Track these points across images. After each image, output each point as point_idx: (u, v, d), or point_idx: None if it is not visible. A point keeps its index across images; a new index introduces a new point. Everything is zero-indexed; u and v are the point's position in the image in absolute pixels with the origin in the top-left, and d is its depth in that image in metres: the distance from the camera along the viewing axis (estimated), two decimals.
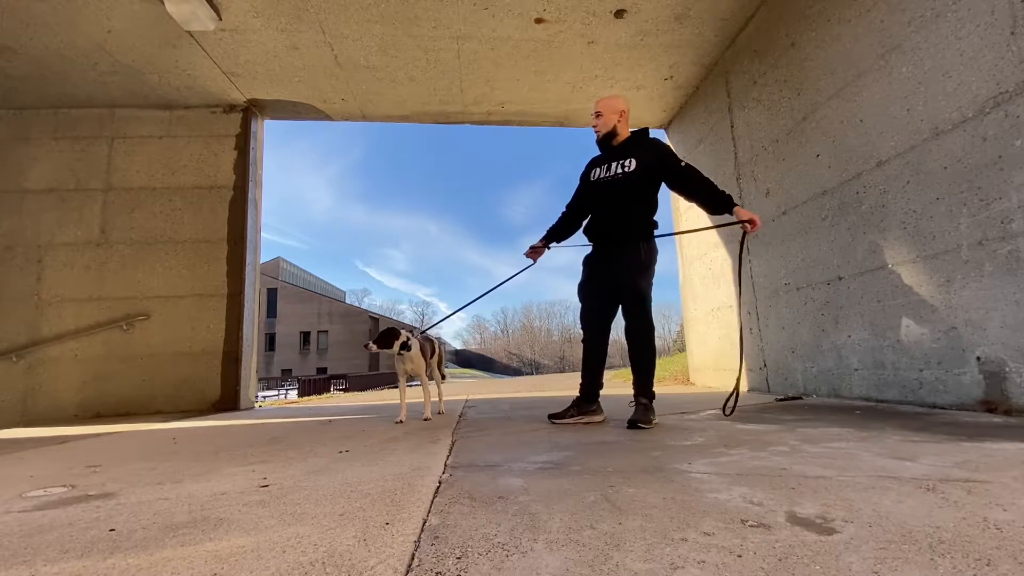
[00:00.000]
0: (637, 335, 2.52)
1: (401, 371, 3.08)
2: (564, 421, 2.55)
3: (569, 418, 2.55)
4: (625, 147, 2.64)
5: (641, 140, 2.67)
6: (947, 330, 2.57)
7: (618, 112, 2.66)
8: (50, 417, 4.62)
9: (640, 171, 2.51)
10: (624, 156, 2.58)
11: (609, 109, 2.66)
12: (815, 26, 3.45)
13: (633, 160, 2.53)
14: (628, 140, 2.68)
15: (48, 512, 1.32)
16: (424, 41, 4.44)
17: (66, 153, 5.11)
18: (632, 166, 2.52)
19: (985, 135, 2.33)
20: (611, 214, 2.58)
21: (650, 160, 2.53)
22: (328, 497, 1.33)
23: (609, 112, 2.66)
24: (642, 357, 2.52)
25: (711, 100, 5.02)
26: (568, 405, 2.63)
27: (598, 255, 2.68)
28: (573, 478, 1.43)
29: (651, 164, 2.52)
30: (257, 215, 5.41)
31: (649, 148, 2.59)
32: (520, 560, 0.86)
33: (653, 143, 2.63)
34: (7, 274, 4.89)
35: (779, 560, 0.81)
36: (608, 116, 2.66)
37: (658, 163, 2.53)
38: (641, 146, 2.61)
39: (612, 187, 2.57)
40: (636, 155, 2.55)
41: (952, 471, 1.31)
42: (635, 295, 2.50)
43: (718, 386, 5.09)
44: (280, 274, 42.64)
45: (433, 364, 3.52)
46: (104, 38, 4.27)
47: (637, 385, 2.51)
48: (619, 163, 2.57)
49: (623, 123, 2.68)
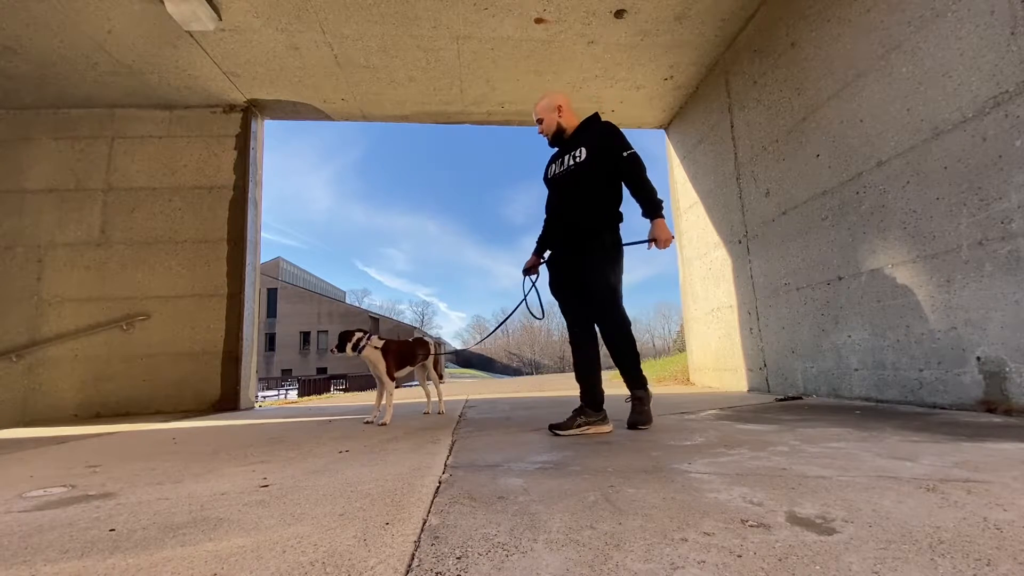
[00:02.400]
0: (613, 330, 2.37)
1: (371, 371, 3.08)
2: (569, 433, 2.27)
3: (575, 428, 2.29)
4: (575, 137, 2.53)
5: (590, 126, 2.53)
6: (947, 330, 2.57)
7: (555, 109, 2.56)
8: (50, 417, 4.62)
9: (590, 159, 2.39)
10: (575, 147, 2.47)
11: (546, 110, 2.57)
12: (815, 26, 3.45)
13: (583, 149, 2.42)
14: (578, 129, 2.56)
15: (48, 512, 1.32)
16: (424, 41, 4.44)
17: (66, 153, 5.12)
18: (583, 155, 2.41)
19: (985, 135, 2.33)
20: (570, 208, 2.46)
21: (598, 145, 2.40)
22: (328, 497, 1.33)
23: (547, 113, 2.57)
24: (624, 351, 2.37)
25: (711, 100, 5.02)
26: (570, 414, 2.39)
27: (564, 251, 2.52)
28: (573, 478, 1.42)
29: (600, 149, 2.40)
30: (257, 215, 5.41)
31: (596, 133, 2.46)
32: (520, 560, 0.86)
33: (601, 128, 2.49)
34: (7, 274, 4.89)
35: (779, 560, 0.81)
36: (548, 117, 2.57)
37: (605, 148, 2.39)
38: (590, 132, 2.49)
39: (567, 180, 2.46)
40: (585, 143, 2.43)
41: (952, 471, 1.31)
42: (605, 290, 2.34)
43: (718, 386, 5.09)
44: (280, 274, 42.64)
45: (429, 365, 3.53)
46: (104, 38, 4.27)
47: (628, 380, 2.40)
48: (571, 155, 2.47)
49: (565, 115, 2.57)
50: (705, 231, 5.26)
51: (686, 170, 5.69)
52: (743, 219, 4.46)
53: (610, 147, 2.38)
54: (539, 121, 2.62)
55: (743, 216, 4.45)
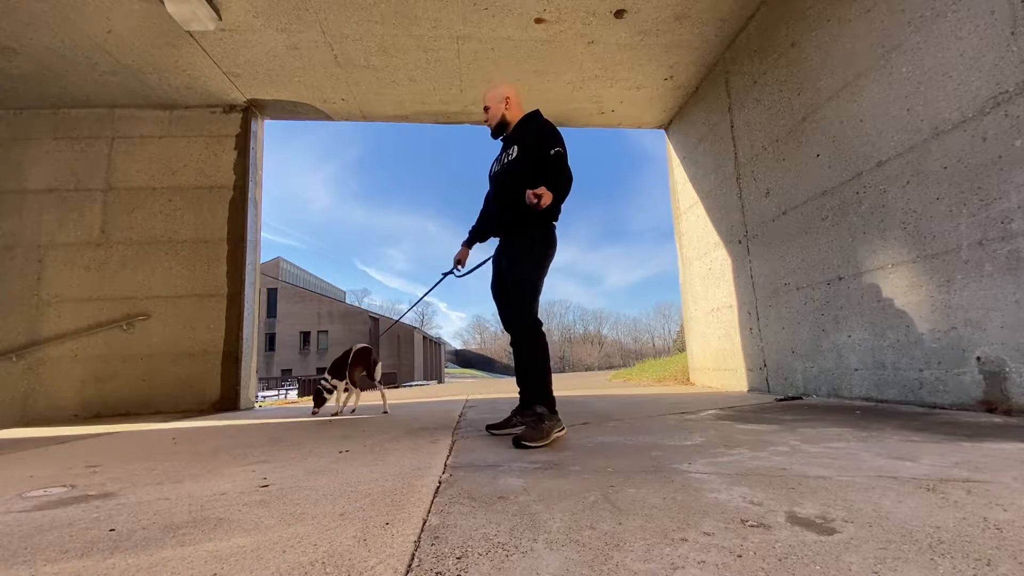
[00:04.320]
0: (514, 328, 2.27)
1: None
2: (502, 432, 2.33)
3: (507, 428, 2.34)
4: (514, 133, 2.50)
5: (527, 124, 2.48)
6: (947, 330, 2.57)
7: (502, 100, 2.50)
8: (50, 417, 4.62)
9: (521, 157, 2.35)
10: (511, 144, 2.44)
11: (494, 100, 2.52)
12: (815, 26, 3.45)
13: (516, 147, 2.39)
14: (517, 125, 2.51)
15: (48, 512, 1.32)
16: (424, 41, 4.44)
17: (66, 153, 5.11)
18: (515, 153, 2.38)
19: (985, 135, 2.33)
20: (500, 206, 2.43)
21: (530, 143, 2.35)
22: (328, 497, 1.33)
23: (494, 103, 2.51)
24: (524, 356, 2.26)
25: (711, 100, 5.02)
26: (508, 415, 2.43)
27: (499, 250, 2.51)
28: (573, 478, 1.42)
29: (529, 148, 2.35)
30: (257, 215, 5.41)
31: (530, 131, 2.40)
32: (520, 560, 0.86)
33: (535, 125, 2.42)
34: (7, 274, 4.89)
35: (779, 560, 0.81)
36: (494, 107, 2.52)
37: (534, 147, 2.33)
38: (525, 130, 2.44)
39: (500, 178, 2.44)
40: (519, 141, 2.40)
41: (952, 471, 1.31)
42: (518, 283, 2.26)
43: (718, 386, 5.09)
44: (280, 274, 42.63)
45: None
46: (104, 38, 4.26)
47: (522, 392, 2.26)
48: (507, 153, 2.45)
49: (512, 108, 2.52)
50: (705, 231, 5.26)
51: (686, 170, 5.69)
52: (743, 219, 4.45)
53: (538, 145, 2.32)
54: (485, 109, 2.57)
55: (743, 216, 4.45)
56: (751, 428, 2.25)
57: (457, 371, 75.76)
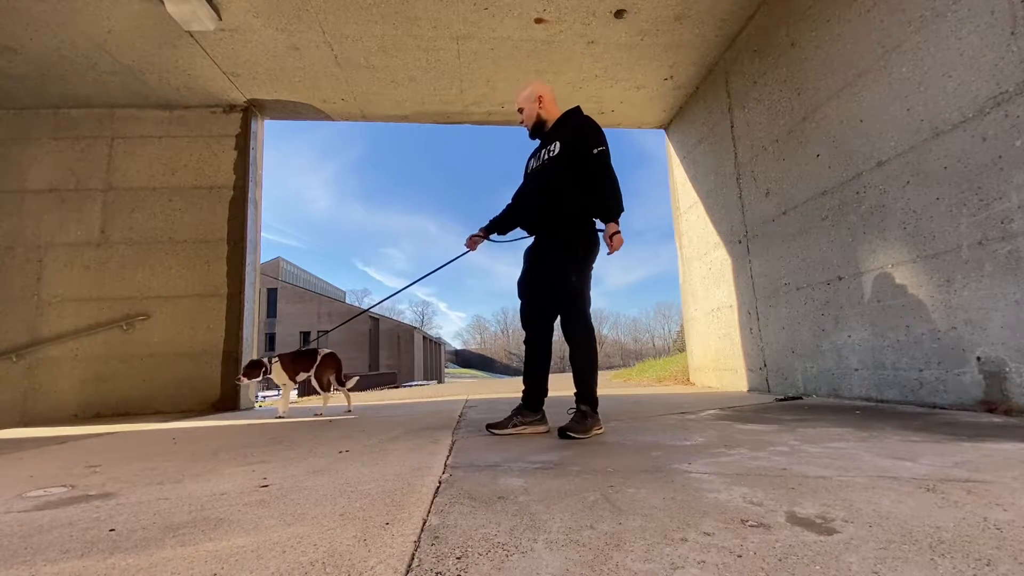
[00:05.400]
0: (572, 338, 2.33)
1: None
2: (504, 432, 2.35)
3: (511, 428, 2.37)
4: (554, 131, 2.50)
5: (568, 120, 2.49)
6: (947, 330, 2.57)
7: (535, 99, 2.52)
8: (50, 417, 4.62)
9: (563, 154, 2.36)
10: (551, 141, 2.45)
11: (527, 100, 2.54)
12: (815, 26, 3.45)
13: (558, 143, 2.39)
14: (557, 122, 2.52)
15: (48, 512, 1.32)
16: (424, 41, 4.44)
17: (66, 153, 5.11)
18: (556, 150, 2.38)
19: (985, 135, 2.33)
20: (542, 203, 2.42)
21: (572, 140, 2.36)
22: (328, 497, 1.33)
23: (528, 103, 2.54)
24: (579, 361, 2.33)
25: (711, 100, 5.02)
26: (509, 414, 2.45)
27: (535, 247, 2.52)
28: (573, 478, 1.42)
29: (573, 145, 2.35)
30: (257, 215, 5.40)
31: (572, 128, 2.42)
32: (520, 560, 0.86)
33: (578, 122, 2.44)
34: (7, 274, 4.89)
35: (779, 560, 0.81)
36: (528, 108, 2.54)
37: (576, 144, 2.34)
38: (567, 127, 2.45)
39: (541, 175, 2.44)
40: (561, 137, 2.40)
41: (952, 471, 1.31)
42: (568, 293, 2.31)
43: (718, 386, 5.09)
44: (280, 274, 42.62)
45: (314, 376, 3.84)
46: (104, 38, 4.27)
47: (577, 392, 2.34)
48: (547, 149, 2.45)
49: (546, 107, 2.54)
50: (705, 231, 5.26)
51: (686, 170, 5.69)
52: (743, 219, 4.46)
53: (581, 143, 2.33)
54: (520, 111, 2.60)
55: (743, 216, 4.45)
56: (751, 428, 2.25)
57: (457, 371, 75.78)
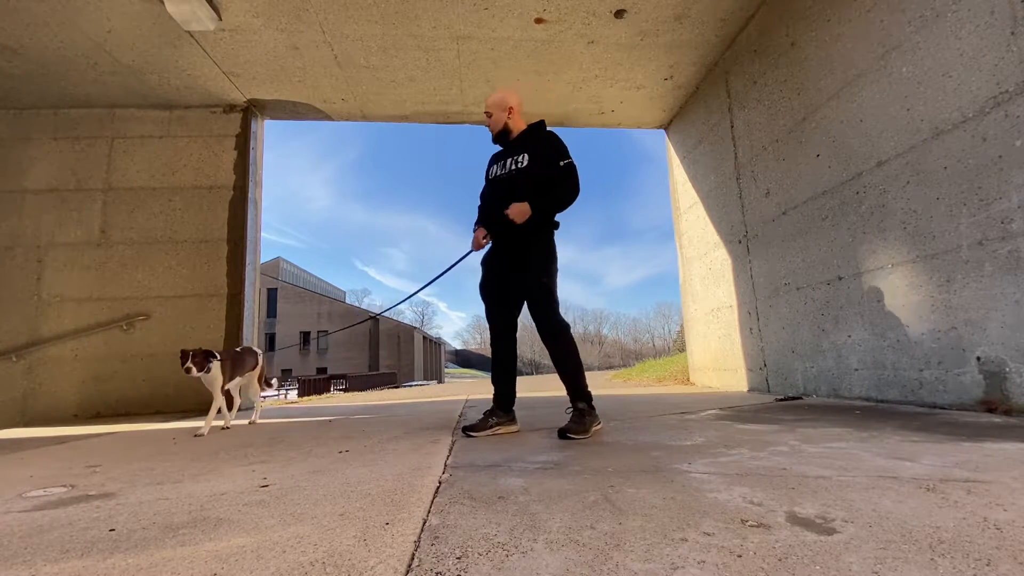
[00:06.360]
0: (550, 335, 2.38)
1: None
2: (482, 433, 2.37)
3: (488, 430, 2.39)
4: (520, 141, 2.58)
5: (535, 133, 2.59)
6: (947, 330, 2.57)
7: (506, 109, 2.60)
8: (50, 417, 4.62)
9: (532, 167, 2.46)
10: (518, 151, 2.53)
11: (497, 107, 2.61)
12: (815, 26, 3.45)
13: (526, 155, 2.48)
14: (523, 134, 2.61)
15: (48, 512, 1.32)
16: (424, 41, 4.44)
17: (66, 153, 5.11)
18: (525, 162, 2.47)
19: (985, 135, 2.33)
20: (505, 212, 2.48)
21: (541, 154, 2.47)
22: (328, 497, 1.33)
23: (497, 110, 2.60)
24: (563, 358, 2.38)
25: (711, 100, 5.02)
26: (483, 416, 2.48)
27: (496, 252, 2.58)
28: (573, 478, 1.43)
29: (542, 158, 2.46)
30: (257, 215, 5.40)
31: (541, 141, 2.52)
32: (520, 560, 0.86)
33: (546, 137, 2.55)
34: (7, 274, 4.89)
35: (779, 560, 0.81)
36: (497, 115, 2.61)
37: (544, 157, 2.46)
38: (535, 139, 2.55)
39: (507, 184, 2.51)
40: (529, 149, 2.50)
41: (952, 471, 1.31)
42: (541, 291, 2.39)
43: (718, 386, 5.09)
44: (280, 274, 42.64)
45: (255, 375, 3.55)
46: (104, 38, 4.26)
47: (568, 390, 2.39)
48: (513, 159, 2.53)
49: (514, 118, 2.62)
50: (705, 231, 5.26)
51: (686, 170, 5.69)
52: (743, 219, 4.46)
53: (549, 156, 2.45)
54: (488, 114, 2.65)
55: (743, 216, 4.45)
56: (751, 428, 2.25)
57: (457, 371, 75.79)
